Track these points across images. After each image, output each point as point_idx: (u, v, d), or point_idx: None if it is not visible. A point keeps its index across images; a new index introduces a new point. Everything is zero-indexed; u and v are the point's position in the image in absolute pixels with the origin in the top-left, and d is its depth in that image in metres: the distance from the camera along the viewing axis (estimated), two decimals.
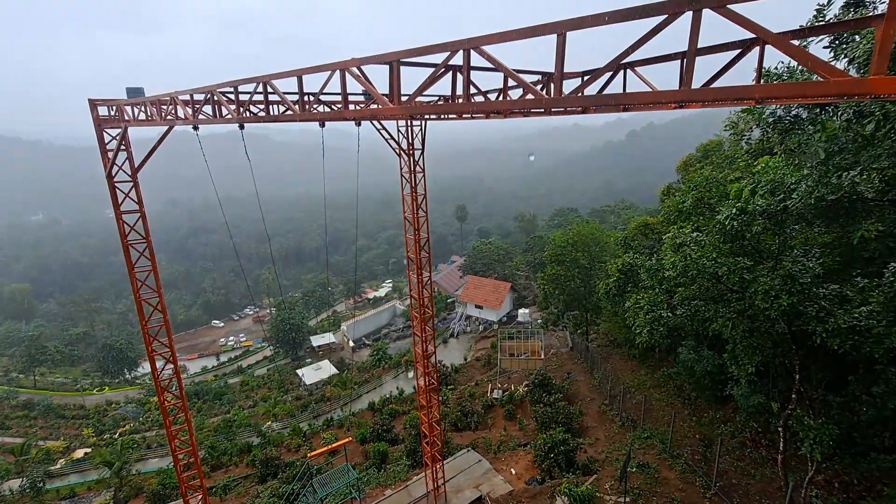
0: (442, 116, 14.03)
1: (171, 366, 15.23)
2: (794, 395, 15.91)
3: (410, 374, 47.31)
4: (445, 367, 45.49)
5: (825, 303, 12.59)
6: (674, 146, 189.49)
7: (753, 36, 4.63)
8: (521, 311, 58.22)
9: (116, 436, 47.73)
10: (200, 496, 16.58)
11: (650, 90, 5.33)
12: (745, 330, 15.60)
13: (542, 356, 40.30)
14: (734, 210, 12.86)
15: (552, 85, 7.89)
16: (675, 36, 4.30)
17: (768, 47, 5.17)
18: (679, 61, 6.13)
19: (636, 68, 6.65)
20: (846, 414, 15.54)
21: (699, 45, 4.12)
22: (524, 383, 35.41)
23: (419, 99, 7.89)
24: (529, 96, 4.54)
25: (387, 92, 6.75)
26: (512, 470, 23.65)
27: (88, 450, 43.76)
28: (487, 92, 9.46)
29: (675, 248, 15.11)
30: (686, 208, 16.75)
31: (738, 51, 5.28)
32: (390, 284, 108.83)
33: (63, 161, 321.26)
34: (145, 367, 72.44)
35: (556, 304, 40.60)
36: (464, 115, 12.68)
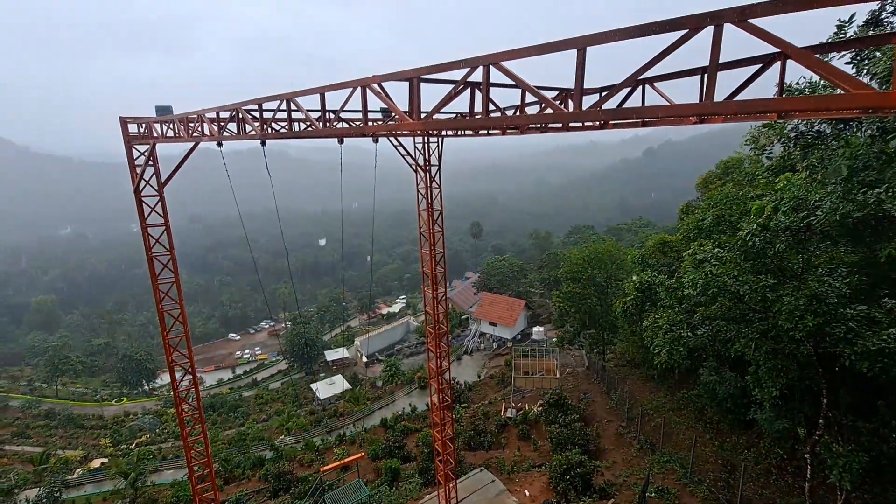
0: (459, 133, 14.21)
1: (190, 376, 15.41)
2: (821, 421, 15.33)
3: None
4: (459, 384, 45.03)
5: (853, 324, 12.20)
6: (692, 164, 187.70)
7: (775, 50, 4.64)
8: (535, 328, 57.55)
9: (133, 446, 48.15)
10: None
11: (670, 104, 5.34)
12: (769, 351, 15.18)
13: (558, 375, 39.61)
14: (756, 226, 12.66)
15: (570, 101, 7.97)
16: (691, 53, 4.33)
17: (790, 62, 5.17)
18: (699, 77, 6.15)
19: (655, 84, 6.68)
20: (876, 441, 14.87)
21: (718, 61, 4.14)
22: (539, 403, 34.79)
23: (437, 116, 8.03)
24: (549, 111, 4.59)
25: (406, 108, 6.91)
26: (526, 491, 23.10)
27: (105, 460, 44.20)
28: (504, 109, 9.59)
29: (695, 264, 14.88)
30: (706, 226, 16.54)
31: (760, 65, 5.28)
32: (404, 300, 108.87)
33: (92, 177, 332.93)
34: (163, 379, 73.41)
35: (572, 322, 40.08)
36: (480, 132, 12.84)
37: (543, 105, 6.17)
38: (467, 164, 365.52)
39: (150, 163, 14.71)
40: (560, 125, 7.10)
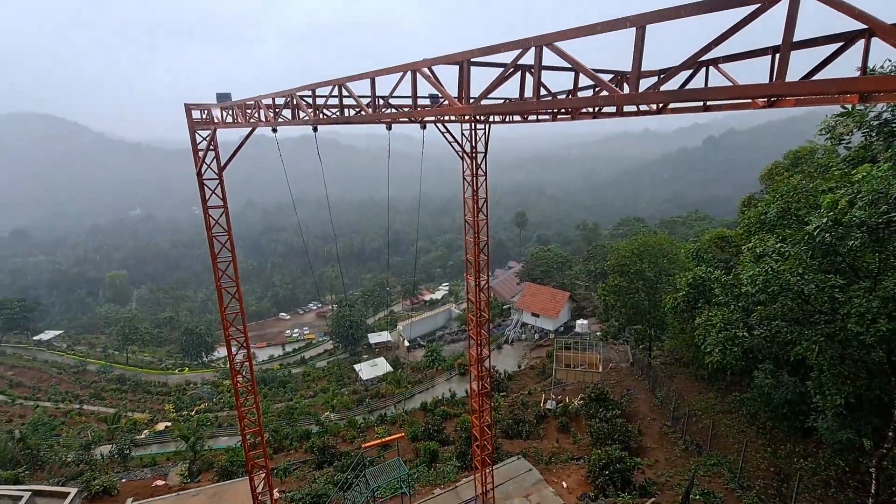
0: (507, 118, 14.04)
1: (244, 350, 16.37)
2: (891, 433, 14.18)
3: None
4: (499, 373, 45.06)
5: None
6: (757, 155, 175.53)
7: (859, 27, 4.25)
8: (579, 321, 56.43)
9: (193, 413, 51.93)
10: (264, 475, 17.63)
11: (736, 84, 5.01)
12: (835, 356, 14.16)
13: (600, 370, 38.79)
14: (826, 221, 11.71)
15: (626, 84, 7.66)
16: (753, 35, 4.02)
17: (875, 40, 4.71)
18: (769, 57, 5.73)
19: (720, 65, 6.28)
20: None
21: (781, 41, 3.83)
22: (580, 396, 34.27)
23: (486, 101, 7.97)
24: (604, 93, 4.44)
25: (455, 93, 6.90)
26: (563, 483, 22.96)
27: (169, 424, 47.97)
28: (556, 94, 9.37)
29: (755, 259, 14.00)
30: (769, 219, 15.47)
31: (840, 44, 4.84)
32: (447, 287, 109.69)
33: (158, 162, 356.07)
34: (220, 353, 78.27)
35: (618, 316, 38.97)
36: (529, 118, 12.62)
37: (598, 88, 6.00)
38: (514, 155, 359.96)
39: (211, 147, 15.56)
40: (614, 109, 6.85)
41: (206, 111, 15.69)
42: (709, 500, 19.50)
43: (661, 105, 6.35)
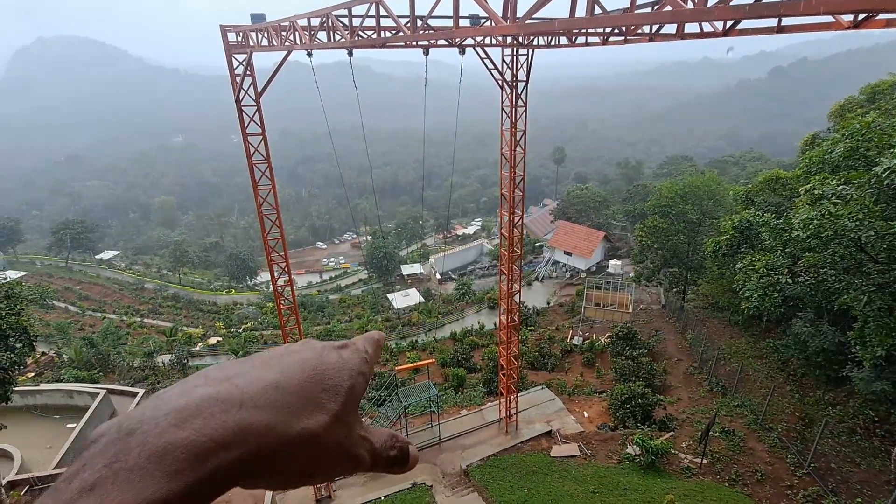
0: (552, 42, 13.10)
1: (286, 275, 17.24)
2: None
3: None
4: (528, 308, 45.90)
5: None
6: (829, 90, 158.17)
7: None
8: (612, 262, 55.82)
9: (240, 330, 56.26)
10: None
11: None
12: (883, 307, 13.57)
13: (630, 310, 38.84)
14: None
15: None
16: None
17: None
18: None
19: None
20: None
21: None
22: (607, 334, 34.73)
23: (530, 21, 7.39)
24: (667, 8, 4.00)
25: (499, 12, 6.43)
26: (585, 413, 24.01)
27: (220, 339, 52.32)
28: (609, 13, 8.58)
29: (811, 201, 13.12)
30: (834, 159, 14.26)
31: None
32: (479, 223, 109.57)
33: (196, 89, 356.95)
34: (263, 277, 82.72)
35: (653, 258, 38.22)
36: (577, 41, 11.71)
37: (658, 5, 5.51)
38: (557, 84, 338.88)
39: (248, 73, 15.41)
40: (674, 30, 6.21)
41: (241, 34, 15.39)
42: (729, 438, 20.04)
43: (728, 25, 5.72)
